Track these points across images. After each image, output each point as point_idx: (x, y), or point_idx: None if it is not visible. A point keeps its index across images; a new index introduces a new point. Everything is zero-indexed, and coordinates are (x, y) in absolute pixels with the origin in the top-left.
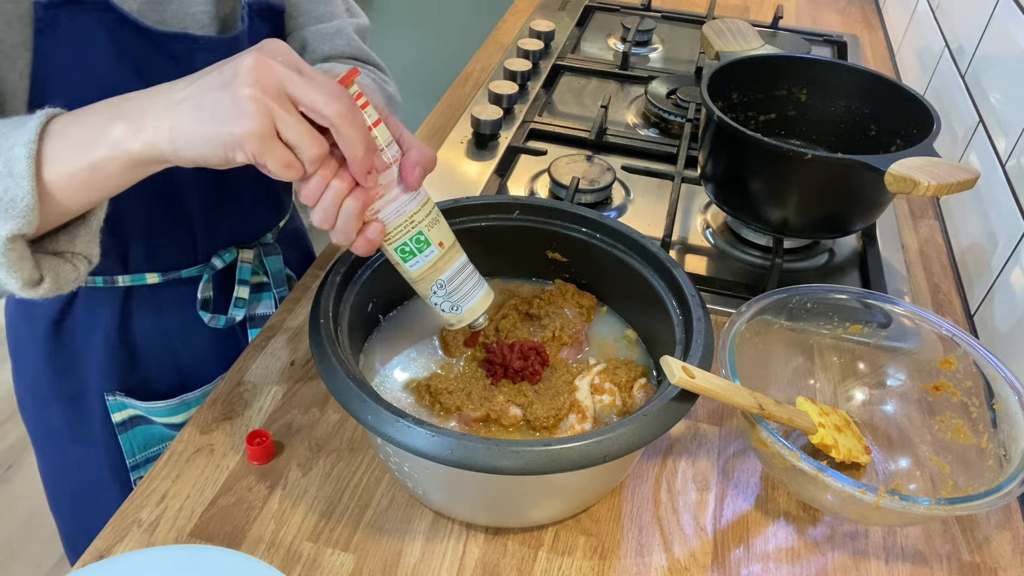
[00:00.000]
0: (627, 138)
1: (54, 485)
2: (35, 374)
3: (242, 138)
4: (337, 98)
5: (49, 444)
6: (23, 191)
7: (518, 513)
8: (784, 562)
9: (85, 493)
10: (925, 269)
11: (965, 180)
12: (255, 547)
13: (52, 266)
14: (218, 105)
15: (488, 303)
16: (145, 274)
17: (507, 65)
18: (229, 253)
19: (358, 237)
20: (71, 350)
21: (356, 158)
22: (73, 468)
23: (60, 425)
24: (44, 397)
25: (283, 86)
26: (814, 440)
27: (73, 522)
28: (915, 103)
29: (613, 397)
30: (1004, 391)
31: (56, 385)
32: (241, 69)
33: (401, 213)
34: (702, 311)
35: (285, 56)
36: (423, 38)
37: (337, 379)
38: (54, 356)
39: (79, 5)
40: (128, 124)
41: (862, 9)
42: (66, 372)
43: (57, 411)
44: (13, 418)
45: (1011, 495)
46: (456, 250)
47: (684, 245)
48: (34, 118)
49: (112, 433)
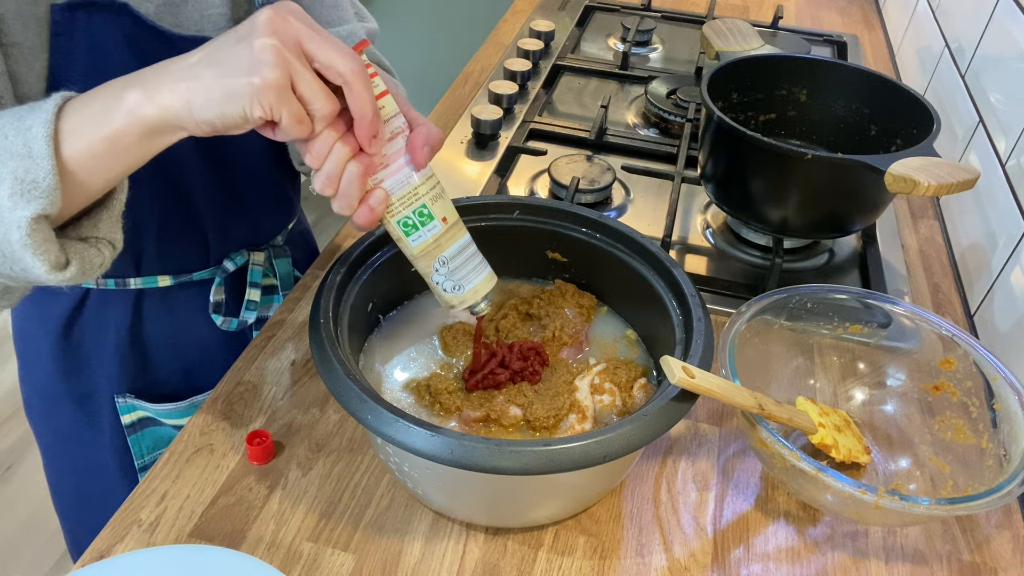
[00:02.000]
0: (627, 138)
1: (60, 486)
2: (44, 376)
3: (263, 87)
4: (352, 58)
5: (57, 446)
6: (44, 171)
7: (518, 513)
8: (784, 562)
9: (93, 494)
10: (925, 269)
11: (965, 180)
12: (255, 547)
13: (78, 250)
14: (237, 58)
15: (491, 286)
16: (157, 276)
17: (507, 65)
18: (240, 256)
19: (360, 206)
20: (81, 352)
21: (366, 119)
22: (81, 469)
23: (69, 427)
24: (53, 399)
25: (300, 40)
26: (814, 440)
27: (78, 523)
28: (915, 103)
29: (613, 397)
30: (1004, 391)
31: (65, 387)
32: (258, 23)
33: (405, 185)
34: (702, 311)
35: (299, 15)
36: (423, 38)
37: (337, 379)
38: (64, 358)
39: (95, 7)
40: (142, 90)
41: (862, 9)
42: (76, 374)
43: (66, 413)
44: (13, 418)
45: (1011, 495)
46: (460, 227)
47: (684, 245)
48: (50, 100)
49: (121, 435)
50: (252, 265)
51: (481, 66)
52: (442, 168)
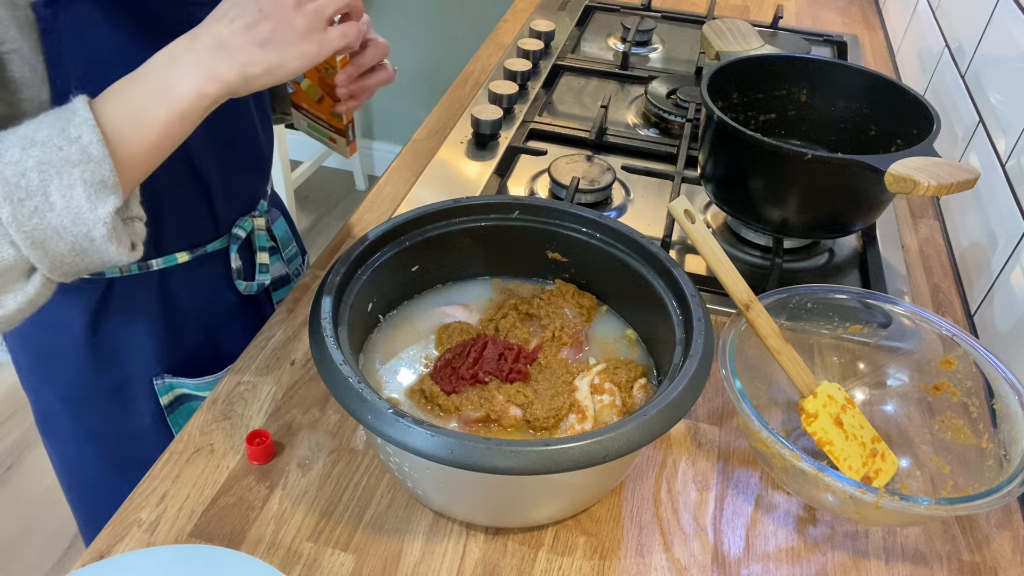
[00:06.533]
0: (627, 138)
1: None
2: (70, 379)
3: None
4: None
5: (86, 446)
6: (107, 170)
7: (518, 513)
8: (784, 562)
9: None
10: (925, 269)
11: (965, 180)
12: (255, 547)
13: (131, 231)
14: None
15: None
16: (176, 254)
17: (507, 65)
18: (247, 222)
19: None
20: (111, 343)
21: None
22: (117, 463)
23: (103, 422)
24: (82, 400)
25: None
26: (804, 406)
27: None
28: (915, 103)
29: (613, 397)
30: (1004, 391)
31: (96, 383)
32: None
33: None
34: (702, 311)
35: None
36: (423, 38)
37: (337, 379)
38: (94, 354)
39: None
40: (198, 70)
41: (862, 9)
42: (107, 367)
43: (99, 409)
44: (13, 418)
45: (1011, 495)
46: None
47: (684, 245)
48: (77, 106)
49: (161, 416)
50: (256, 230)
51: (481, 66)
52: (442, 168)
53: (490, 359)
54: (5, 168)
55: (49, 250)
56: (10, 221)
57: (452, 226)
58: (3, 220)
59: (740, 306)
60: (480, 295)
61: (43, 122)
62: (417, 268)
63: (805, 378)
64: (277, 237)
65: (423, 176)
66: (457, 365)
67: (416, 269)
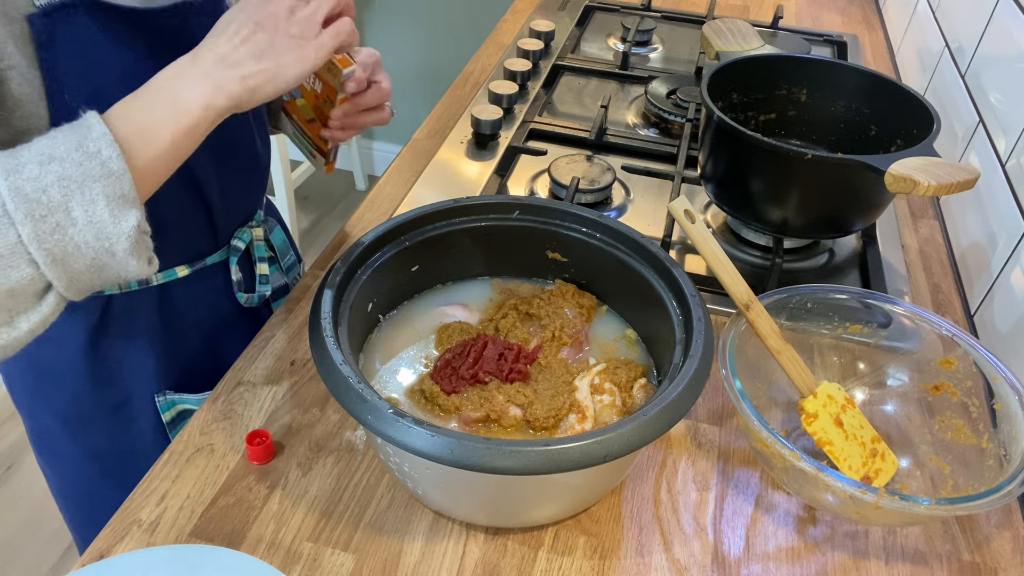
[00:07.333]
0: (627, 138)
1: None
2: (70, 398)
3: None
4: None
5: (85, 465)
6: (127, 185)
7: (518, 513)
8: (784, 562)
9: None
10: (925, 269)
11: (965, 180)
12: (255, 547)
13: (147, 244)
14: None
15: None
16: (175, 268)
17: (507, 65)
18: (246, 233)
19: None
20: (111, 361)
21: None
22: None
23: (103, 440)
24: (81, 419)
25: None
26: (804, 406)
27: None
28: (915, 103)
29: (613, 397)
30: (1004, 391)
31: (96, 400)
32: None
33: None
34: (702, 311)
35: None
36: (423, 38)
37: (337, 379)
38: (94, 372)
39: (68, 8)
40: (205, 85)
41: (862, 9)
42: (108, 385)
43: (99, 428)
44: (13, 418)
45: (1011, 495)
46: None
47: (684, 245)
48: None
49: (163, 433)
50: (255, 241)
51: (481, 66)
52: (443, 168)
53: (490, 359)
54: (24, 184)
55: (69, 267)
56: (31, 239)
57: (452, 226)
58: (24, 238)
59: (740, 306)
60: (480, 295)
61: (58, 138)
62: (417, 268)
63: (805, 378)
64: (275, 247)
65: (423, 176)
66: (457, 365)
67: (416, 269)
